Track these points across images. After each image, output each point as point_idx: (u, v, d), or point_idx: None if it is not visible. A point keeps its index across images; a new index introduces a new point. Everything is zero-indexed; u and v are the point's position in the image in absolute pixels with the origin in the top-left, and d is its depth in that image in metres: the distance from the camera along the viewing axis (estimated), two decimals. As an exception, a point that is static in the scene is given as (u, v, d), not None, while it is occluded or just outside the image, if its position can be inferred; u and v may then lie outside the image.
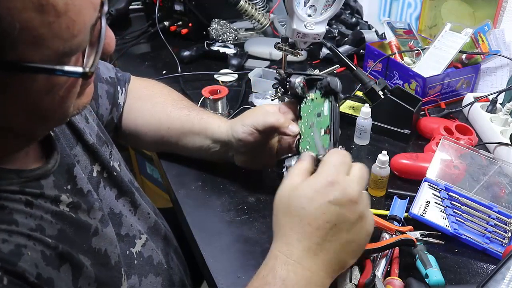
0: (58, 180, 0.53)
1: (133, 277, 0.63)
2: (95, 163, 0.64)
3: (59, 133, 0.58)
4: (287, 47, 0.92)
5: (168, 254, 0.75)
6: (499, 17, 1.09)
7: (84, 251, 0.53)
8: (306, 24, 0.86)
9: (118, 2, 1.50)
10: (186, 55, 1.30)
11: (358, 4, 1.48)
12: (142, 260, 0.67)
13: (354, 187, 0.53)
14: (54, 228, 0.49)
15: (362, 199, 0.53)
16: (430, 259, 0.62)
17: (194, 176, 0.86)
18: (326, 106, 0.67)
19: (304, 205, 0.52)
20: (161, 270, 0.70)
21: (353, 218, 0.52)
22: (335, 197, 0.51)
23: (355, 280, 0.63)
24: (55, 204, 0.51)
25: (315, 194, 0.52)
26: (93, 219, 0.57)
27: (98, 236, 0.56)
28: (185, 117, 0.82)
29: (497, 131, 0.93)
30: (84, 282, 0.51)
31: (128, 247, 0.65)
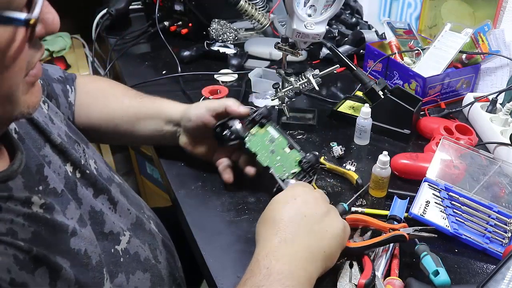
0: (28, 181, 0.52)
1: (120, 275, 0.62)
2: (66, 163, 0.63)
3: (24, 135, 0.57)
4: (287, 47, 0.92)
5: (155, 248, 0.73)
6: (499, 17, 1.09)
7: (62, 253, 0.51)
8: (306, 24, 0.86)
9: (118, 2, 1.50)
10: (186, 55, 1.30)
11: (358, 4, 1.48)
12: (129, 257, 0.65)
13: (315, 192, 0.64)
14: (27, 231, 0.48)
15: (324, 200, 0.64)
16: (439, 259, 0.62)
17: (194, 176, 0.86)
18: (272, 130, 0.79)
19: (276, 209, 0.62)
20: (148, 266, 0.69)
21: (321, 211, 0.61)
22: (301, 195, 0.62)
23: (355, 280, 0.63)
24: (27, 206, 0.50)
25: (281, 204, 0.62)
26: (70, 219, 0.55)
27: (77, 237, 0.55)
28: (138, 103, 0.87)
29: (497, 131, 0.93)
30: (63, 284, 0.49)
31: (113, 245, 0.63)
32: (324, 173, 0.87)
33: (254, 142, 0.78)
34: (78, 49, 1.92)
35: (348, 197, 0.80)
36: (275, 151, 0.77)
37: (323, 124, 1.02)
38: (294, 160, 0.76)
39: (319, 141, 0.96)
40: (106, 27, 1.49)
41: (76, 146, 0.68)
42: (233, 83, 1.21)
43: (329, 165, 0.87)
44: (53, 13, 0.46)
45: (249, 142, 0.78)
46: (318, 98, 1.13)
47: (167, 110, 0.85)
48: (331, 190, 0.83)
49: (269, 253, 0.56)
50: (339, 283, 0.63)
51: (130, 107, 0.86)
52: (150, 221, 0.78)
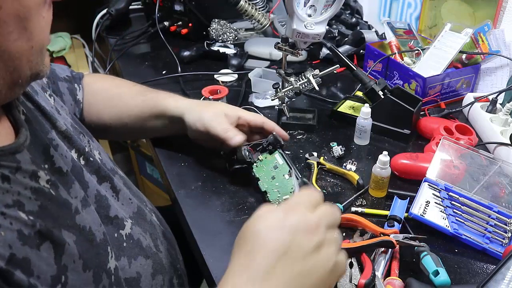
0: (34, 157, 0.53)
1: (123, 259, 0.63)
2: (72, 150, 0.65)
3: (32, 119, 0.58)
4: (287, 47, 0.92)
5: (156, 238, 0.75)
6: (499, 17, 1.09)
7: (68, 227, 0.53)
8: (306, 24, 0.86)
9: (118, 2, 1.50)
10: (186, 55, 1.30)
11: (358, 4, 1.48)
12: (132, 242, 0.67)
13: (312, 219, 0.50)
14: (34, 204, 0.49)
15: (321, 230, 0.50)
16: (439, 259, 0.62)
17: (194, 176, 0.86)
18: (278, 157, 0.81)
19: (258, 231, 0.50)
20: (150, 253, 0.70)
21: (308, 247, 0.48)
22: (291, 223, 0.49)
23: (355, 280, 0.63)
24: (34, 180, 0.51)
25: (270, 221, 0.50)
26: (74, 198, 0.57)
27: (80, 215, 0.56)
28: (142, 103, 0.88)
29: (497, 131, 0.93)
30: (68, 259, 0.50)
31: (118, 229, 0.65)
32: (324, 173, 0.87)
33: (260, 168, 0.81)
34: (78, 49, 1.92)
35: (348, 197, 0.80)
36: (275, 177, 0.79)
37: (323, 124, 1.02)
38: (290, 188, 0.77)
39: (319, 141, 0.96)
40: (106, 27, 1.49)
41: (81, 136, 0.70)
42: (233, 83, 1.21)
43: (329, 165, 0.87)
44: None
45: (256, 168, 0.81)
46: (318, 98, 1.13)
47: (171, 109, 0.86)
48: (331, 190, 0.83)
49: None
50: (339, 283, 0.63)
51: (135, 107, 0.89)
52: (152, 214, 0.79)
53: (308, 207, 0.51)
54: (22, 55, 0.48)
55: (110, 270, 0.58)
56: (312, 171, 0.85)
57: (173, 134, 0.91)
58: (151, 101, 0.88)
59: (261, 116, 0.88)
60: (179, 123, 0.86)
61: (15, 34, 0.46)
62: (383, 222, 0.73)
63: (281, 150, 0.82)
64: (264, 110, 1.06)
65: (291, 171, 0.78)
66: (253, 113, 0.88)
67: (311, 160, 0.87)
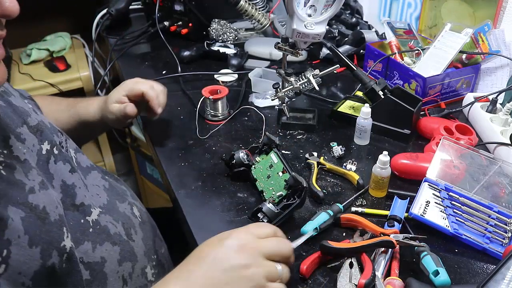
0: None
1: (86, 243, 0.66)
2: (43, 142, 0.68)
3: (1, 113, 0.62)
4: (287, 47, 0.92)
5: (130, 228, 0.77)
6: (499, 17, 1.09)
7: (17, 204, 0.55)
8: (306, 24, 0.86)
9: (118, 2, 1.50)
10: (186, 55, 1.30)
11: (358, 4, 1.48)
12: (99, 228, 0.69)
13: (252, 243, 0.57)
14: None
15: (254, 254, 0.57)
16: (439, 259, 0.62)
17: (194, 176, 0.86)
18: (274, 156, 0.82)
19: (202, 244, 0.59)
20: (118, 240, 0.72)
21: (234, 263, 0.56)
22: (227, 240, 0.57)
23: (355, 280, 0.63)
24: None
25: (215, 238, 0.59)
26: (31, 180, 0.60)
27: (35, 194, 0.59)
28: (67, 119, 0.97)
29: (497, 131, 0.93)
30: (11, 234, 0.53)
31: (84, 216, 0.68)
32: (324, 173, 0.87)
33: (257, 169, 0.83)
34: (78, 49, 1.92)
35: (348, 197, 0.80)
36: (271, 176, 0.80)
37: (323, 124, 1.02)
38: (283, 184, 0.78)
39: (319, 141, 0.96)
40: (106, 27, 1.49)
41: (58, 133, 0.74)
42: (233, 83, 1.21)
43: (329, 165, 0.87)
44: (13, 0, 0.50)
45: (254, 169, 0.83)
46: (318, 98, 1.13)
47: (89, 116, 0.97)
48: (331, 190, 0.83)
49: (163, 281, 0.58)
50: (339, 283, 0.63)
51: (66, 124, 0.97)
52: (132, 206, 0.82)
53: (256, 234, 0.59)
54: None
55: (64, 248, 0.59)
56: (312, 171, 0.85)
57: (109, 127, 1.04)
58: (67, 116, 0.97)
59: (143, 86, 0.94)
60: (101, 120, 0.97)
61: None
62: (383, 222, 0.73)
63: (277, 149, 0.83)
64: (264, 110, 1.06)
65: (285, 168, 0.79)
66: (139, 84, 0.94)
67: (311, 160, 0.87)
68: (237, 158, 0.83)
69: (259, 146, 0.85)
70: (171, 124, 1.02)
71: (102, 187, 0.79)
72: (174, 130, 1.01)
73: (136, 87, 0.93)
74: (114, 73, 1.41)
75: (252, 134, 0.99)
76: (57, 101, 1.02)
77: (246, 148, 0.86)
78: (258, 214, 0.72)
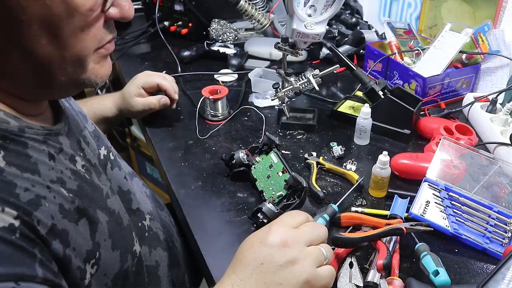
0: (72, 143, 0.58)
1: (144, 247, 0.68)
2: (101, 147, 0.69)
3: (69, 116, 0.63)
4: (287, 47, 0.92)
5: (172, 235, 0.81)
6: (499, 17, 1.09)
7: (102, 208, 0.58)
8: (306, 24, 0.86)
9: (118, 2, 1.50)
10: (186, 55, 1.30)
11: (358, 4, 1.48)
12: (152, 233, 0.72)
13: (290, 235, 0.56)
14: (73, 183, 0.54)
15: (296, 246, 0.55)
16: (439, 259, 0.62)
17: (194, 176, 0.86)
18: (274, 156, 0.82)
19: (243, 249, 0.57)
20: (167, 246, 0.76)
21: (282, 260, 0.54)
22: (267, 239, 0.55)
23: (355, 280, 0.63)
24: (73, 163, 0.56)
25: (254, 239, 0.57)
26: (104, 185, 0.62)
27: (110, 199, 0.61)
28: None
29: (497, 131, 0.93)
30: (100, 237, 0.55)
31: (140, 220, 0.71)
32: (324, 173, 0.87)
33: (257, 169, 0.83)
34: (78, 49, 1.92)
35: (348, 197, 0.80)
36: (270, 176, 0.80)
37: (323, 124, 1.02)
38: (283, 184, 0.78)
39: (319, 141, 0.96)
40: (106, 27, 1.48)
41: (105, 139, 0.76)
42: (233, 83, 1.21)
43: (329, 165, 0.87)
44: (130, 3, 0.54)
45: (254, 169, 0.83)
46: (318, 98, 1.13)
47: (107, 112, 0.99)
48: (331, 190, 0.83)
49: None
50: (339, 283, 0.63)
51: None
52: (168, 215, 0.86)
53: (290, 225, 0.57)
54: (53, 61, 0.49)
55: (135, 253, 0.63)
56: (312, 171, 0.85)
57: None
58: (90, 113, 0.96)
59: (157, 78, 1.00)
60: (118, 115, 1.00)
61: (43, 39, 0.47)
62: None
63: (277, 149, 0.83)
64: (264, 110, 1.06)
65: (285, 168, 0.79)
66: (152, 77, 1.00)
67: (311, 160, 0.87)
68: (237, 158, 0.83)
69: (259, 146, 0.85)
70: (171, 124, 1.03)
71: (144, 193, 0.81)
72: (174, 130, 1.01)
73: (150, 79, 0.99)
74: (114, 73, 1.40)
75: (252, 134, 0.99)
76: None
77: (246, 148, 0.86)
78: (258, 214, 0.71)
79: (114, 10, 0.52)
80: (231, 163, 0.83)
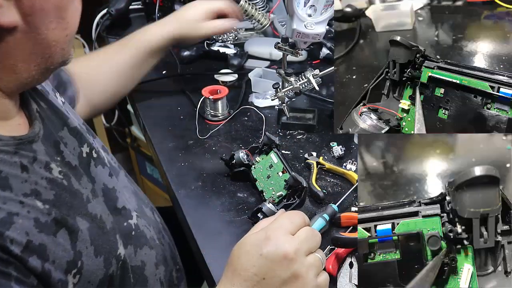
0: (47, 149, 0.56)
1: (129, 247, 0.66)
2: (83, 145, 0.66)
3: (45, 117, 0.61)
4: (287, 47, 0.92)
5: (159, 232, 0.78)
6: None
7: (82, 215, 0.56)
8: (306, 24, 0.86)
9: (118, 2, 1.50)
10: (186, 55, 1.30)
11: (358, 4, 1.48)
12: (139, 232, 0.70)
13: (292, 245, 0.52)
14: (49, 193, 0.52)
15: (299, 258, 0.52)
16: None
17: (194, 176, 0.86)
18: (274, 156, 0.82)
19: (240, 256, 0.53)
20: (154, 244, 0.73)
21: (285, 275, 0.51)
22: (268, 251, 0.51)
23: (354, 280, 0.63)
24: (48, 171, 0.54)
25: (251, 247, 0.53)
26: (84, 188, 0.60)
27: (92, 203, 0.60)
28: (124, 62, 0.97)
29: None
30: (81, 245, 0.54)
31: (126, 219, 0.68)
32: (324, 173, 0.87)
33: (257, 169, 0.82)
34: (78, 49, 1.92)
35: (349, 197, 0.80)
36: (270, 176, 0.80)
37: (323, 124, 1.02)
38: (283, 184, 0.77)
39: (319, 141, 0.96)
40: (106, 27, 1.49)
41: (88, 134, 0.73)
42: (233, 83, 1.21)
43: (328, 165, 0.87)
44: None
45: (254, 169, 0.82)
46: (318, 98, 1.13)
47: (158, 44, 0.97)
48: (331, 190, 0.83)
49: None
50: (339, 283, 0.63)
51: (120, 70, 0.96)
52: (153, 211, 0.83)
53: (289, 231, 0.54)
54: (58, 43, 0.51)
55: (119, 256, 0.61)
56: (312, 171, 0.85)
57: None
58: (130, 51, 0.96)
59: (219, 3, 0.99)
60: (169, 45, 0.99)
61: (54, 23, 0.49)
62: (383, 222, 0.73)
63: (277, 149, 0.83)
64: (264, 110, 1.06)
65: (285, 168, 0.79)
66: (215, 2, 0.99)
67: (310, 160, 0.87)
68: (237, 158, 0.83)
69: (259, 146, 0.86)
70: (171, 124, 1.03)
71: (130, 189, 0.79)
72: (174, 130, 1.01)
73: (214, 6, 0.98)
74: (114, 73, 1.41)
75: (252, 134, 0.99)
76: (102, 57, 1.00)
77: (246, 148, 0.86)
78: (258, 214, 0.72)
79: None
80: (231, 163, 0.83)
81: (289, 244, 0.52)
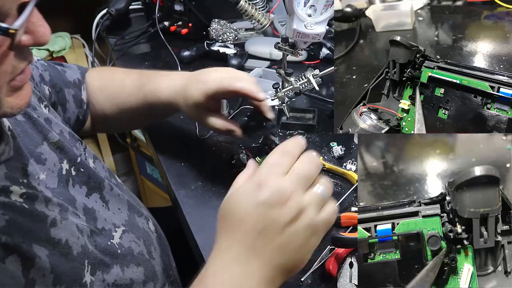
0: (11, 172, 0.53)
1: (115, 266, 0.63)
2: (63, 161, 0.64)
3: (20, 133, 0.59)
4: (287, 47, 0.92)
5: (150, 245, 0.74)
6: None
7: (40, 241, 0.52)
8: (306, 24, 0.86)
9: (118, 2, 1.50)
10: (186, 55, 1.30)
11: (358, 4, 1.48)
12: (124, 250, 0.67)
13: (286, 187, 0.49)
14: (1, 219, 0.49)
15: (295, 198, 0.49)
16: None
17: (194, 176, 0.86)
18: None
19: (234, 210, 0.51)
20: (142, 260, 0.69)
21: (285, 218, 0.48)
22: (263, 198, 0.49)
23: (354, 280, 0.63)
24: (4, 195, 0.51)
25: (243, 198, 0.50)
26: (51, 211, 0.57)
27: (57, 227, 0.55)
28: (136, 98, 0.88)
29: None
30: (37, 273, 0.50)
31: (108, 240, 0.65)
32: (323, 172, 0.87)
33: None
34: (78, 49, 1.92)
35: (348, 197, 0.80)
36: None
37: (323, 124, 1.02)
38: None
39: (319, 141, 0.96)
40: (106, 27, 1.48)
41: (77, 144, 0.71)
42: (233, 83, 1.21)
43: (328, 165, 0.87)
44: (45, 27, 0.47)
45: None
46: (318, 98, 1.13)
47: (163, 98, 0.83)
48: (331, 190, 0.83)
49: (217, 271, 0.50)
50: (339, 283, 0.63)
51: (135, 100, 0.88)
52: (148, 220, 0.80)
53: (280, 171, 0.50)
54: None
55: (85, 284, 0.57)
56: (312, 171, 0.85)
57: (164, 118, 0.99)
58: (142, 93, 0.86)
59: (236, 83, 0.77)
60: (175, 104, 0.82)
61: None
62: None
63: None
64: (264, 110, 1.06)
65: None
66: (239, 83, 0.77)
67: (311, 160, 0.87)
68: (237, 158, 0.83)
69: (259, 146, 0.86)
70: (171, 124, 1.02)
71: (122, 199, 0.75)
72: (174, 130, 1.01)
73: (225, 84, 0.76)
74: (114, 73, 1.41)
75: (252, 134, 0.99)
76: (119, 82, 0.91)
77: (246, 148, 0.86)
78: (232, 162, 0.72)
79: (26, 37, 0.45)
80: (231, 163, 0.83)
81: (283, 185, 0.49)
